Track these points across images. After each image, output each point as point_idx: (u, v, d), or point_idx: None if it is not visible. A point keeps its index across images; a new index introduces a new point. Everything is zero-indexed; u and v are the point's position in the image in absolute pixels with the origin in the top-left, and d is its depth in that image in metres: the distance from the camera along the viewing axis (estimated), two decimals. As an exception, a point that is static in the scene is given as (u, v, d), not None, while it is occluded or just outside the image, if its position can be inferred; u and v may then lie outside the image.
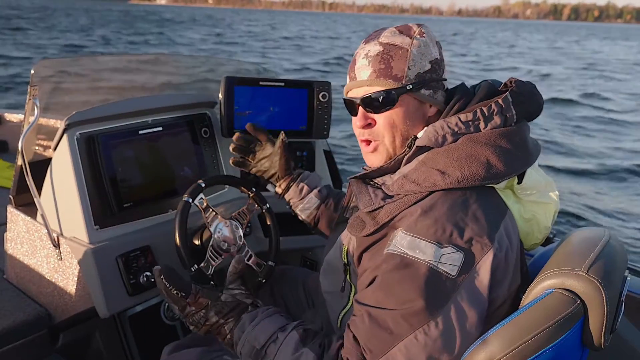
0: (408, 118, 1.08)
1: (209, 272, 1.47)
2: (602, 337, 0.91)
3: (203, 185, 1.52)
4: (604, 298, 0.88)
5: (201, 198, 1.51)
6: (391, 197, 1.02)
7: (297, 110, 1.86)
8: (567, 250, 1.01)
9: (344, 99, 1.15)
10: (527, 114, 1.07)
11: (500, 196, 1.03)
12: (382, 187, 1.05)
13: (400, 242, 0.95)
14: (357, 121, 1.11)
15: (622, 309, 0.96)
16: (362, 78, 1.08)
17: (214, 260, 1.49)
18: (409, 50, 1.06)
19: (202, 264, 1.45)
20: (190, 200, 1.48)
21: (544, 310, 0.88)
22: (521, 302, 0.97)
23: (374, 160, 1.13)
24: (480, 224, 0.95)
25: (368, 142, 1.12)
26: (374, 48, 1.07)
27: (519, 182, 1.03)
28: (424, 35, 1.08)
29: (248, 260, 1.55)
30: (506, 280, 0.99)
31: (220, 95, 1.76)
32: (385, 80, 1.06)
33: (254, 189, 1.63)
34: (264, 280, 1.56)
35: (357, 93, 1.10)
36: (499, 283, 0.97)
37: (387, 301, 0.94)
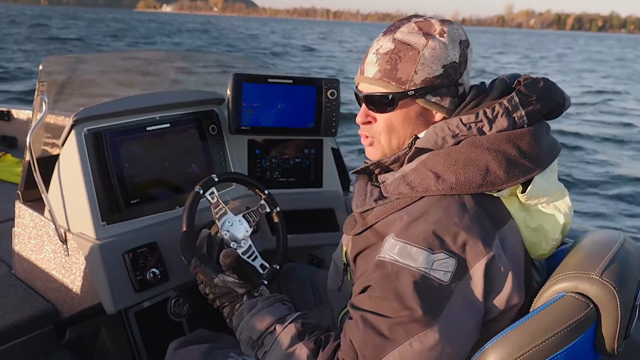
0: (408, 122, 1.04)
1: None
2: (615, 343, 0.89)
3: (216, 179, 1.51)
4: (618, 303, 0.86)
5: (212, 192, 1.50)
6: (385, 198, 1.00)
7: (306, 108, 1.85)
8: (580, 253, 0.99)
9: (355, 91, 1.13)
10: (541, 114, 1.00)
11: (503, 203, 0.98)
12: (382, 185, 1.04)
13: (392, 248, 0.93)
14: (358, 116, 1.10)
15: (637, 314, 0.94)
16: (368, 75, 1.04)
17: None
18: (420, 53, 0.99)
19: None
20: (202, 192, 1.47)
21: (556, 314, 0.86)
22: (532, 305, 0.95)
23: (370, 154, 1.11)
24: (474, 230, 0.91)
25: (366, 135, 1.11)
26: (386, 44, 1.02)
27: (523, 191, 0.96)
28: (444, 35, 1.00)
29: (253, 260, 1.54)
30: (504, 292, 0.94)
31: (229, 92, 1.75)
32: (388, 82, 1.01)
33: (266, 191, 1.63)
34: (266, 282, 1.55)
35: (363, 88, 1.07)
36: (494, 292, 0.93)
37: (382, 308, 0.92)
